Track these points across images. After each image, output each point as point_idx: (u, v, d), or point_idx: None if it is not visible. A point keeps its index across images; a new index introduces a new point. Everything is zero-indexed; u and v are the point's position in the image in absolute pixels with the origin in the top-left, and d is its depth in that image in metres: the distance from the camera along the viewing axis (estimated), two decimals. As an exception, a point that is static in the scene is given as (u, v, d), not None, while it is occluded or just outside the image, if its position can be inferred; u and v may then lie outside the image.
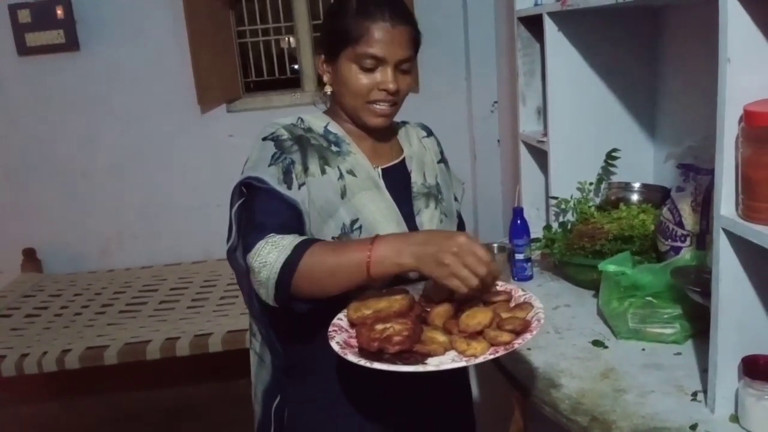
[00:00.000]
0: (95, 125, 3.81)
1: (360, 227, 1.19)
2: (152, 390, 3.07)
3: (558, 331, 1.57)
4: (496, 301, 1.12)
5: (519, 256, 1.89)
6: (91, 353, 2.71)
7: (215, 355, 2.77)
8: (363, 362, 0.98)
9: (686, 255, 1.53)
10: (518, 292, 1.15)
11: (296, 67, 4.14)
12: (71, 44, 3.66)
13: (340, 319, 1.11)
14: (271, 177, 1.16)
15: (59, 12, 3.58)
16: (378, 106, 1.23)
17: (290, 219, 1.15)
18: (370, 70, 1.20)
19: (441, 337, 1.03)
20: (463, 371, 1.40)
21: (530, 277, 1.91)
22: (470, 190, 3.87)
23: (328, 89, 1.28)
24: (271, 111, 3.84)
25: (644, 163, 2.09)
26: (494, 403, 2.10)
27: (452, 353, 1.01)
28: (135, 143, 3.84)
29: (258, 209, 1.16)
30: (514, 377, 1.40)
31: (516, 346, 1.00)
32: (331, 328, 1.08)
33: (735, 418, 1.14)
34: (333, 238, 1.17)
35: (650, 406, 1.22)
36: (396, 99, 1.23)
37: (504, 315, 1.07)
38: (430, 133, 1.45)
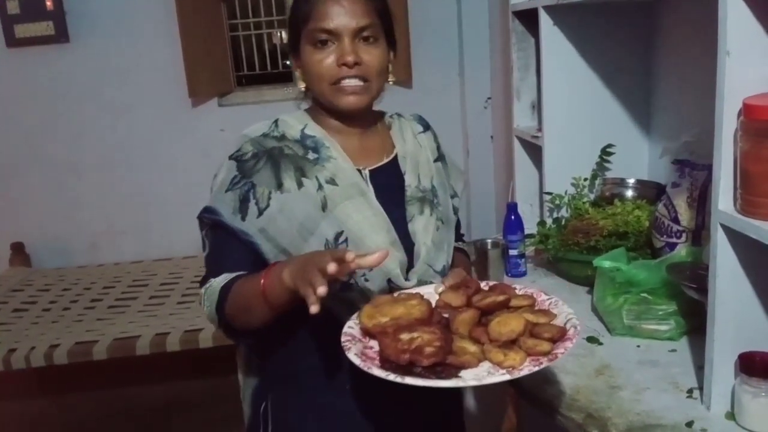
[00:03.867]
0: (85, 118, 3.77)
1: (346, 240, 1.12)
2: (142, 386, 3.04)
3: (552, 327, 1.56)
4: (520, 306, 1.05)
5: (513, 252, 1.88)
6: (79, 348, 2.68)
7: (205, 351, 2.75)
8: (392, 377, 0.88)
9: (682, 251, 1.52)
10: (541, 296, 1.10)
11: (288, 62, 4.11)
12: (61, 36, 3.61)
13: (351, 328, 1.02)
14: (227, 206, 1.14)
15: (49, 3, 3.54)
16: (345, 83, 1.14)
17: (240, 256, 1.14)
18: (325, 46, 1.13)
19: (472, 347, 0.96)
20: None
21: (524, 274, 1.90)
22: (463, 186, 3.86)
23: (302, 85, 1.23)
24: (262, 105, 3.82)
25: (639, 159, 2.08)
26: (487, 400, 2.09)
27: (486, 364, 0.94)
28: (125, 136, 3.81)
29: (211, 252, 1.18)
30: (508, 373, 1.39)
31: (560, 356, 0.92)
32: (344, 338, 0.99)
33: (731, 415, 1.13)
34: None
35: (646, 403, 1.21)
36: (364, 74, 1.14)
37: (532, 320, 1.00)
38: (426, 127, 1.35)
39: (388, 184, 1.22)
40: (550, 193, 2.03)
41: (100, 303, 3.19)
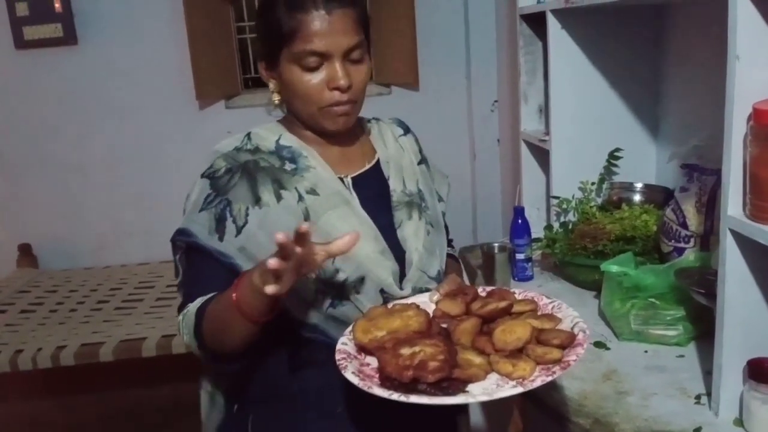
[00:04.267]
0: (92, 120, 3.78)
1: None
2: (148, 387, 3.05)
3: (559, 331, 1.55)
4: (522, 312, 1.00)
5: (519, 256, 1.87)
6: (86, 350, 2.68)
7: (211, 353, 2.74)
8: (396, 396, 0.82)
9: (690, 256, 1.51)
10: (543, 299, 1.06)
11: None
12: (69, 38, 3.62)
13: (345, 344, 0.95)
14: (202, 227, 1.08)
15: (57, 5, 3.54)
16: (335, 108, 1.08)
17: (219, 280, 1.05)
18: (314, 69, 1.05)
19: (477, 359, 0.90)
20: None
21: (531, 278, 1.89)
22: (469, 190, 3.86)
23: (276, 98, 1.14)
24: (269, 108, 3.81)
25: (647, 163, 2.07)
26: (492, 405, 2.08)
27: (494, 376, 0.88)
28: (132, 139, 3.82)
29: (186, 277, 1.12)
30: (514, 378, 1.38)
31: (572, 364, 0.86)
32: (338, 356, 0.92)
33: (739, 422, 1.12)
34: None
35: (653, 408, 1.20)
36: (354, 96, 1.09)
37: (537, 326, 0.95)
38: (407, 131, 1.30)
39: (373, 191, 1.17)
40: (557, 197, 2.02)
41: (106, 305, 3.19)
